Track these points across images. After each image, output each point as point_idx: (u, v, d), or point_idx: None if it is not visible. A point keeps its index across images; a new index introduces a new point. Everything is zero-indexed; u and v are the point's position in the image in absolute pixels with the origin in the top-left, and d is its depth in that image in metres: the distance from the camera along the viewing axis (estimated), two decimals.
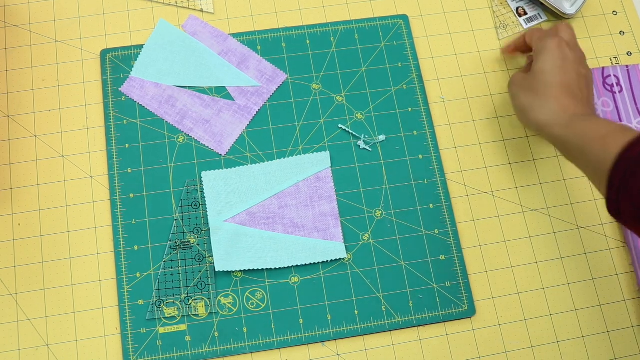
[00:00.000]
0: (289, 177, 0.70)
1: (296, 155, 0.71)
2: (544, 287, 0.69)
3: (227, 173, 0.70)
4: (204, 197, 0.69)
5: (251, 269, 0.67)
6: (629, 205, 0.52)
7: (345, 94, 0.74)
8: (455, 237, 0.69)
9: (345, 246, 0.68)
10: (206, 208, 0.69)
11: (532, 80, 0.66)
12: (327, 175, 0.71)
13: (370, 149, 0.71)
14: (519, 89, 0.67)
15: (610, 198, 0.54)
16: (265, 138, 0.72)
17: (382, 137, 0.71)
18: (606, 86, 0.75)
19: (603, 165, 0.55)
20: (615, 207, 0.54)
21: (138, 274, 0.67)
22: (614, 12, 0.80)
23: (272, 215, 0.69)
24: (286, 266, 0.67)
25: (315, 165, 0.71)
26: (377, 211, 0.70)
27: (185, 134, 0.72)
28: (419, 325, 0.67)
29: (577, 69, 0.65)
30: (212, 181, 0.70)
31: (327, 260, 0.68)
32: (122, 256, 0.67)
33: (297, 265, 0.67)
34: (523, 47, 0.73)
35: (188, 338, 0.65)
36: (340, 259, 0.68)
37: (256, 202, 0.69)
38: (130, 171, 0.70)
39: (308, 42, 0.76)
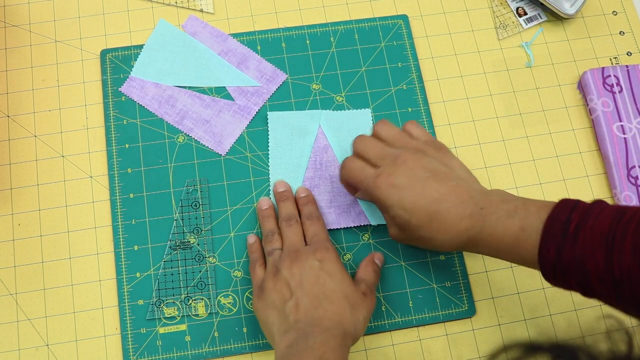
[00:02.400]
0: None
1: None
2: (544, 287, 0.69)
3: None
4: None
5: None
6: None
7: (345, 94, 0.74)
8: None
9: (345, 246, 0.68)
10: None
11: (407, 231, 0.59)
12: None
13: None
14: (402, 239, 0.62)
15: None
16: (265, 138, 0.72)
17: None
18: (606, 86, 0.75)
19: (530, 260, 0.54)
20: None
21: (138, 274, 0.67)
22: (614, 12, 0.80)
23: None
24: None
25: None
26: None
27: (185, 134, 0.72)
28: (419, 325, 0.67)
29: (434, 169, 0.58)
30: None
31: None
32: (122, 256, 0.67)
33: None
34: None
35: (188, 338, 0.65)
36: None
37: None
38: (130, 171, 0.70)
39: (308, 42, 0.76)
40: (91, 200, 0.69)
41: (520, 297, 0.69)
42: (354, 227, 0.69)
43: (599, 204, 0.52)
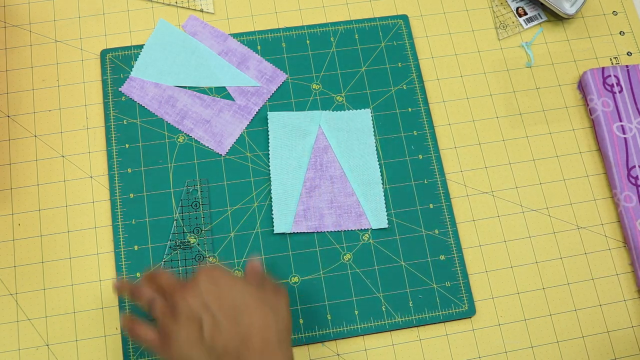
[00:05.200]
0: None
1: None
2: (544, 287, 0.69)
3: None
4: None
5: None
6: None
7: (345, 94, 0.74)
8: (455, 237, 0.69)
9: (345, 246, 0.68)
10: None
11: None
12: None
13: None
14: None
15: None
16: (265, 138, 0.72)
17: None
18: (606, 86, 0.75)
19: None
20: None
21: (138, 274, 0.67)
22: (614, 12, 0.80)
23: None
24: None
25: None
26: None
27: (185, 134, 0.72)
28: (419, 325, 0.67)
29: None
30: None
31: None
32: (122, 256, 0.67)
33: (298, 265, 0.68)
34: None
35: None
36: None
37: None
38: (130, 171, 0.70)
39: (308, 42, 0.76)
40: (91, 200, 0.69)
41: (520, 297, 0.69)
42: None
43: None
